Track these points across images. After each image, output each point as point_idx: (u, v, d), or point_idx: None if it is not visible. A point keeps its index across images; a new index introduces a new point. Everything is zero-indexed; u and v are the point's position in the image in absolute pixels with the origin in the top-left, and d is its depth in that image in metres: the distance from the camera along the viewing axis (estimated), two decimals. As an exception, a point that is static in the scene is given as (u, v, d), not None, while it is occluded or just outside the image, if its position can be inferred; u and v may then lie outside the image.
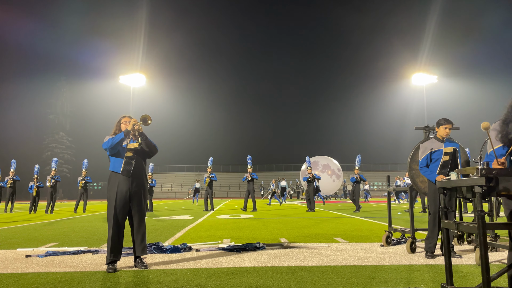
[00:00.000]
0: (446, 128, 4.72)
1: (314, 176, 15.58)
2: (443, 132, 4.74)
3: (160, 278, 3.61)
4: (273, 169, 60.96)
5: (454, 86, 57.82)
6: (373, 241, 6.01)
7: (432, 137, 4.89)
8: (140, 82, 50.04)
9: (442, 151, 4.69)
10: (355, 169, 15.09)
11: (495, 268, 3.91)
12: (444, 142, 4.74)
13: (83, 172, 15.63)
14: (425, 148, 4.77)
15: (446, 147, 4.71)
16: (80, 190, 15.48)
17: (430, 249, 4.55)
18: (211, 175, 15.45)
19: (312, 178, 15.49)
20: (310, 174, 15.70)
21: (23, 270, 4.06)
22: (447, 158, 4.67)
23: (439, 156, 4.69)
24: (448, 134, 4.78)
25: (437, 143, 4.75)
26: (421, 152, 4.77)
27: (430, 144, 4.76)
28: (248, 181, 15.08)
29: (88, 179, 15.62)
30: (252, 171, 15.17)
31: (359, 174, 14.80)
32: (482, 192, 2.40)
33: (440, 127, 4.75)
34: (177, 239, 6.49)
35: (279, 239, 6.29)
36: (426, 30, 58.06)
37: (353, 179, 14.85)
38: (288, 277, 3.59)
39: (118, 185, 4.16)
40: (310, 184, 15.39)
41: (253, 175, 14.92)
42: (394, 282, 3.37)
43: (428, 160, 4.71)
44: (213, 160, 16.35)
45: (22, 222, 10.90)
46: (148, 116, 4.36)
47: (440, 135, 4.78)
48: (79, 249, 5.32)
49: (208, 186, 15.60)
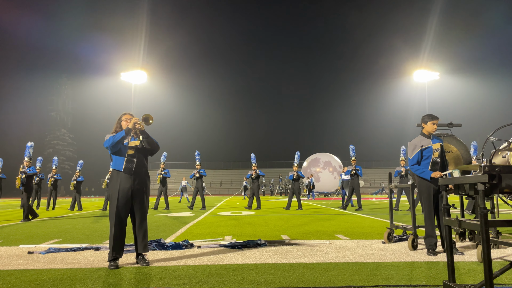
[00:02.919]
0: (434, 124, 4.69)
1: (258, 173, 15.05)
2: (431, 128, 4.70)
3: (162, 275, 3.62)
4: (274, 166, 60.96)
5: (456, 83, 57.64)
6: (375, 238, 6.01)
7: (419, 134, 4.85)
8: (141, 79, 50.00)
9: (431, 148, 4.66)
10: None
11: (497, 265, 3.91)
12: (432, 139, 4.72)
13: (53, 170, 15.78)
14: (414, 146, 4.71)
15: (434, 144, 4.69)
16: (50, 187, 15.63)
17: (431, 247, 4.53)
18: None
19: (256, 175, 14.97)
20: (254, 171, 15.00)
21: (25, 266, 4.07)
22: (437, 155, 4.65)
23: (430, 153, 4.65)
24: (435, 130, 4.75)
25: (426, 140, 4.72)
26: (411, 150, 4.72)
27: (420, 141, 4.72)
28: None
29: (58, 177, 15.80)
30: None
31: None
32: (485, 190, 2.39)
33: (428, 123, 4.71)
34: (179, 236, 6.50)
35: (280, 236, 6.29)
36: (428, 26, 57.86)
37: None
38: (290, 274, 3.59)
39: (120, 182, 4.17)
40: (254, 181, 14.96)
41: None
42: (395, 279, 3.37)
43: (419, 158, 4.68)
44: (215, 157, 16.16)
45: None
46: (150, 116, 4.36)
47: (427, 131, 4.74)
48: (81, 245, 5.33)
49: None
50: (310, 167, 38.19)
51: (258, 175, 14.85)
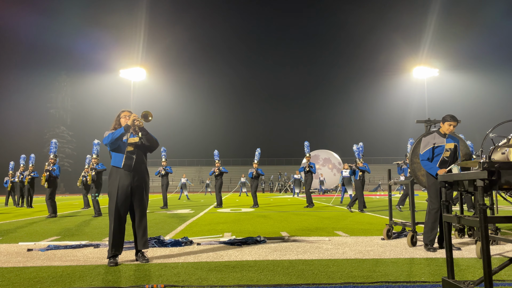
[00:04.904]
0: (451, 126, 4.69)
1: (259, 172, 14.31)
2: (447, 128, 4.71)
3: (161, 272, 3.62)
4: (274, 163, 60.98)
5: (455, 79, 57.62)
6: (374, 234, 6.02)
7: (435, 131, 4.86)
8: (140, 76, 49.97)
9: (444, 147, 4.68)
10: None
11: (496, 261, 3.91)
12: (446, 138, 4.73)
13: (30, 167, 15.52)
14: (427, 143, 4.74)
15: (448, 143, 4.71)
16: (27, 185, 15.60)
17: (431, 242, 4.56)
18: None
19: (219, 172, 14.12)
20: (217, 168, 14.21)
21: (24, 264, 4.07)
22: (448, 154, 4.67)
23: (441, 152, 4.68)
24: (451, 132, 4.76)
25: (440, 138, 4.73)
26: (423, 146, 4.75)
27: (433, 139, 4.74)
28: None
29: (35, 174, 15.66)
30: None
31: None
32: (484, 186, 2.39)
33: (445, 123, 4.72)
34: (178, 233, 6.50)
35: (280, 233, 6.30)
36: (428, 23, 57.74)
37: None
38: (289, 271, 3.60)
39: (120, 179, 4.16)
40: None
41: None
42: (395, 275, 3.38)
43: (430, 155, 4.70)
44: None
45: (24, 216, 10.93)
46: (149, 113, 4.35)
47: (443, 131, 4.75)
48: (80, 243, 5.33)
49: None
50: (309, 164, 38.18)
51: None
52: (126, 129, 4.20)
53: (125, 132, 4.20)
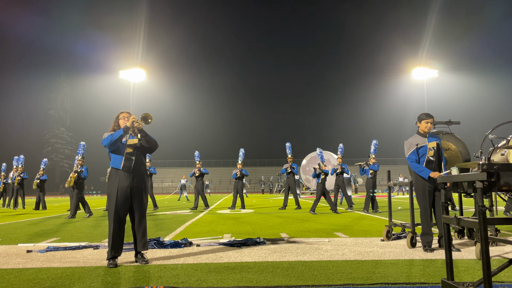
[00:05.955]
0: (428, 123, 4.72)
1: (243, 173, 13.86)
2: (425, 126, 4.73)
3: (161, 273, 3.62)
4: (273, 164, 60.96)
5: (455, 81, 57.63)
6: (374, 236, 6.02)
7: (415, 133, 4.88)
8: (140, 77, 49.92)
9: (427, 147, 4.69)
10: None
11: (495, 263, 3.91)
12: (427, 137, 4.74)
13: (19, 168, 15.74)
14: (410, 144, 4.76)
15: (430, 142, 4.72)
16: (16, 186, 15.62)
17: (428, 244, 4.58)
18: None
19: (240, 175, 13.81)
20: (197, 169, 13.94)
21: (24, 265, 4.07)
22: (432, 153, 4.69)
23: (425, 152, 4.70)
24: (430, 129, 4.78)
25: (421, 138, 4.75)
26: (407, 148, 4.76)
27: (414, 140, 4.76)
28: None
29: (25, 175, 15.74)
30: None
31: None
32: (483, 187, 2.39)
33: (422, 122, 4.74)
34: (178, 234, 6.50)
35: (279, 234, 6.30)
36: (427, 24, 57.77)
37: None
38: (289, 272, 3.59)
39: (119, 181, 4.16)
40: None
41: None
42: (394, 277, 3.38)
43: (416, 156, 4.71)
44: (215, 156, 15.04)
45: (23, 217, 10.91)
46: (149, 115, 4.34)
47: (422, 130, 4.77)
48: (80, 244, 5.32)
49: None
50: (309, 165, 38.17)
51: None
52: (125, 131, 4.19)
53: (124, 133, 4.20)
